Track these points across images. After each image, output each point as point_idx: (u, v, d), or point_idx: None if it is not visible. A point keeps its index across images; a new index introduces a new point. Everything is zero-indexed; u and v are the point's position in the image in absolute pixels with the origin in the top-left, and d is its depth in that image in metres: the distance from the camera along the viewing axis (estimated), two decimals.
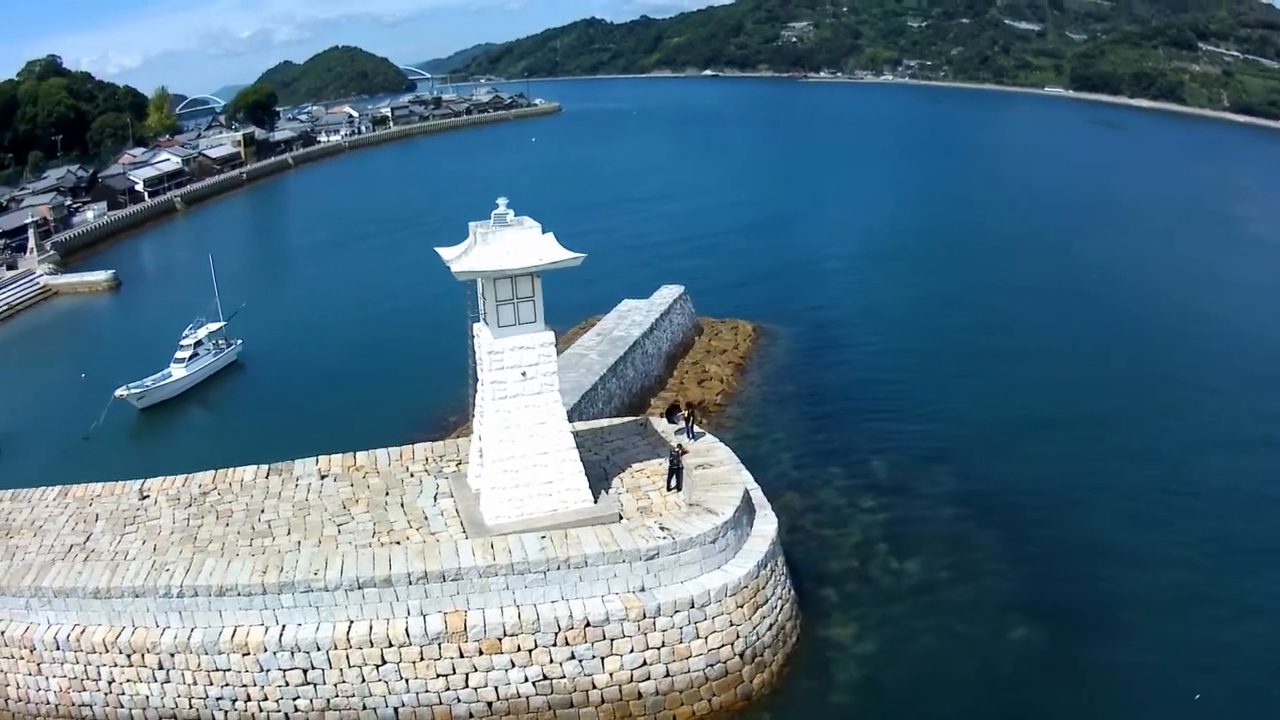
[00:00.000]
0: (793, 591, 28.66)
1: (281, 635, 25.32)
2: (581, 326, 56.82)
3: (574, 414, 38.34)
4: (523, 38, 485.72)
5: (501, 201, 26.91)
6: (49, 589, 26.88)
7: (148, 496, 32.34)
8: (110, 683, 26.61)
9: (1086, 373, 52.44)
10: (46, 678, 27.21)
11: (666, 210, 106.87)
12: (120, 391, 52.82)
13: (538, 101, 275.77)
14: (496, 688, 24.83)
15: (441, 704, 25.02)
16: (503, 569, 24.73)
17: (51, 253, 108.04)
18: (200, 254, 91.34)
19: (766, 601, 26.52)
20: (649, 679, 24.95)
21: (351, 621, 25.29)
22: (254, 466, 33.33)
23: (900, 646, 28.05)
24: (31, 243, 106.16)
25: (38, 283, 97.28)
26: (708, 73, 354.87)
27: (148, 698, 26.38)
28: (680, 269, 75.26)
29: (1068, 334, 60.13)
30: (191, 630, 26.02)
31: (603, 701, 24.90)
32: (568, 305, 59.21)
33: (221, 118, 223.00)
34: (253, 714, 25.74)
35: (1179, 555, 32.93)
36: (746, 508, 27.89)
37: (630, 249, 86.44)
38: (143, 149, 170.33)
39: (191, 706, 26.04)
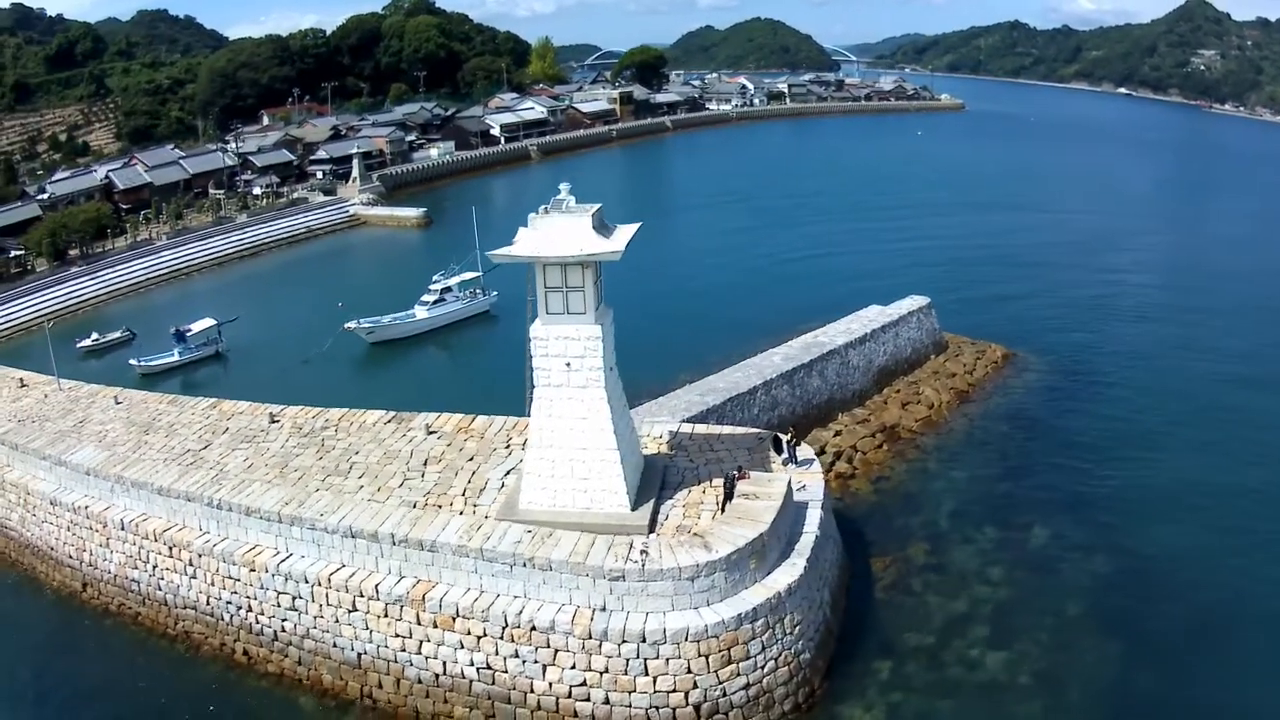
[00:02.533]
0: (806, 657, 26.51)
1: (282, 562, 29.49)
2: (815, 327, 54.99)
3: (713, 415, 39.73)
4: (949, 32, 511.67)
5: (564, 187, 27.80)
6: (128, 479, 33.68)
7: (277, 421, 38.25)
8: (154, 567, 32.80)
9: None
10: (111, 551, 34.18)
11: (998, 221, 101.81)
12: (350, 324, 62.06)
13: (942, 97, 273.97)
14: (445, 663, 26.46)
15: (396, 663, 27.32)
16: (473, 552, 26.10)
17: (377, 184, 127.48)
18: (527, 204, 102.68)
19: (748, 658, 24.88)
20: (588, 700, 24.92)
21: (342, 566, 28.72)
22: (380, 411, 37.94)
23: None
24: (355, 172, 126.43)
25: (348, 210, 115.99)
26: (1122, 90, 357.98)
27: (178, 587, 32.13)
28: (966, 281, 73.28)
29: None
30: (221, 540, 31.38)
31: (539, 708, 25.36)
32: (817, 304, 60.72)
33: (607, 74, 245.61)
34: (250, 624, 30.28)
35: None
36: (760, 551, 26.14)
37: (930, 254, 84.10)
38: (515, 95, 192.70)
39: (209, 603, 31.28)
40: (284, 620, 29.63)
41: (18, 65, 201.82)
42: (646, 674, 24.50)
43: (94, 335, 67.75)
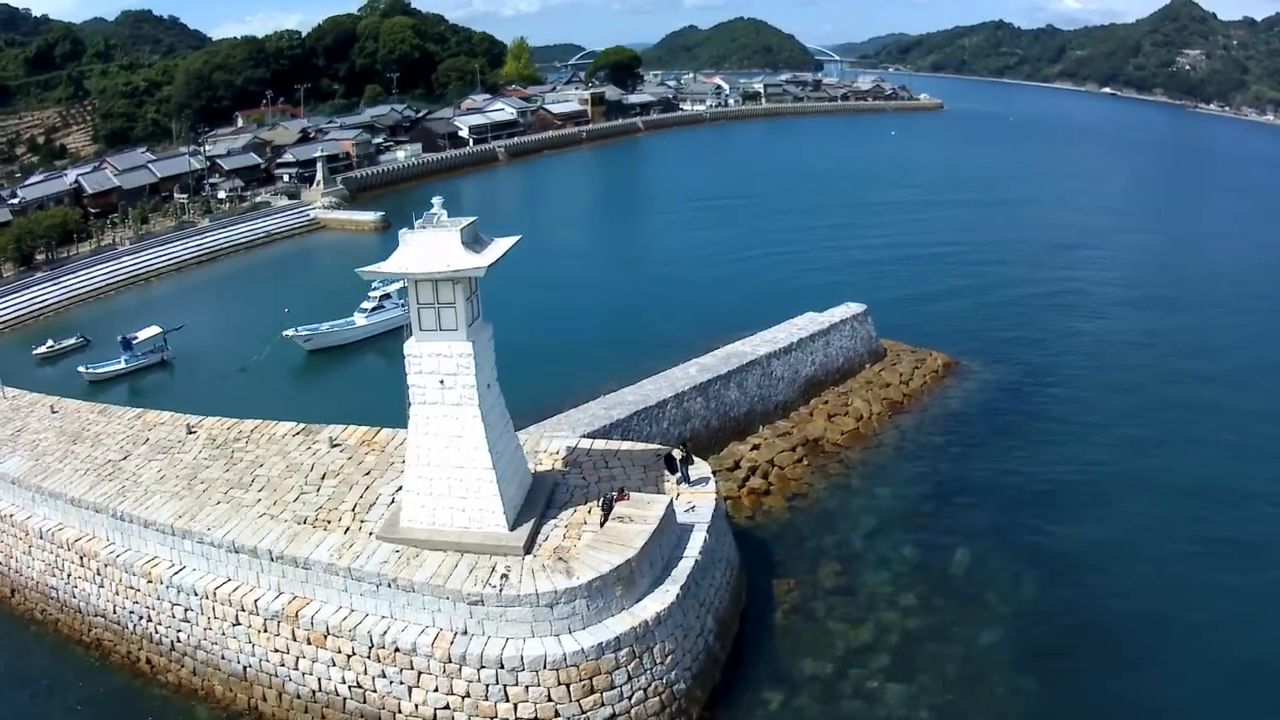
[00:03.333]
0: (681, 687, 26.47)
1: (176, 575, 30.14)
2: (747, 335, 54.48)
3: (617, 430, 39.54)
4: (933, 31, 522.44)
5: (436, 202, 28.27)
6: (46, 489, 34.45)
7: (194, 433, 38.89)
8: (69, 576, 33.48)
9: None
10: (33, 559, 34.95)
11: (957, 222, 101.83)
12: (287, 332, 62.71)
13: (921, 96, 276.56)
14: (320, 679, 27.03)
15: (277, 677, 27.91)
16: (341, 571, 26.67)
17: (340, 188, 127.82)
18: (497, 207, 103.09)
19: (612, 688, 25.13)
20: None
21: (228, 580, 29.38)
22: (291, 423, 38.38)
23: None
24: (319, 176, 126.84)
25: (308, 214, 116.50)
26: (1106, 90, 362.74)
27: (89, 595, 32.80)
28: (915, 284, 73.63)
29: None
30: (125, 551, 32.12)
31: None
32: (756, 310, 59.83)
33: (581, 74, 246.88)
34: (150, 633, 30.99)
35: None
36: (628, 578, 26.35)
37: (881, 257, 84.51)
38: (487, 96, 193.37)
39: (115, 612, 31.97)
40: (179, 631, 30.41)
41: None
42: (507, 700, 24.92)
43: (49, 342, 68.39)
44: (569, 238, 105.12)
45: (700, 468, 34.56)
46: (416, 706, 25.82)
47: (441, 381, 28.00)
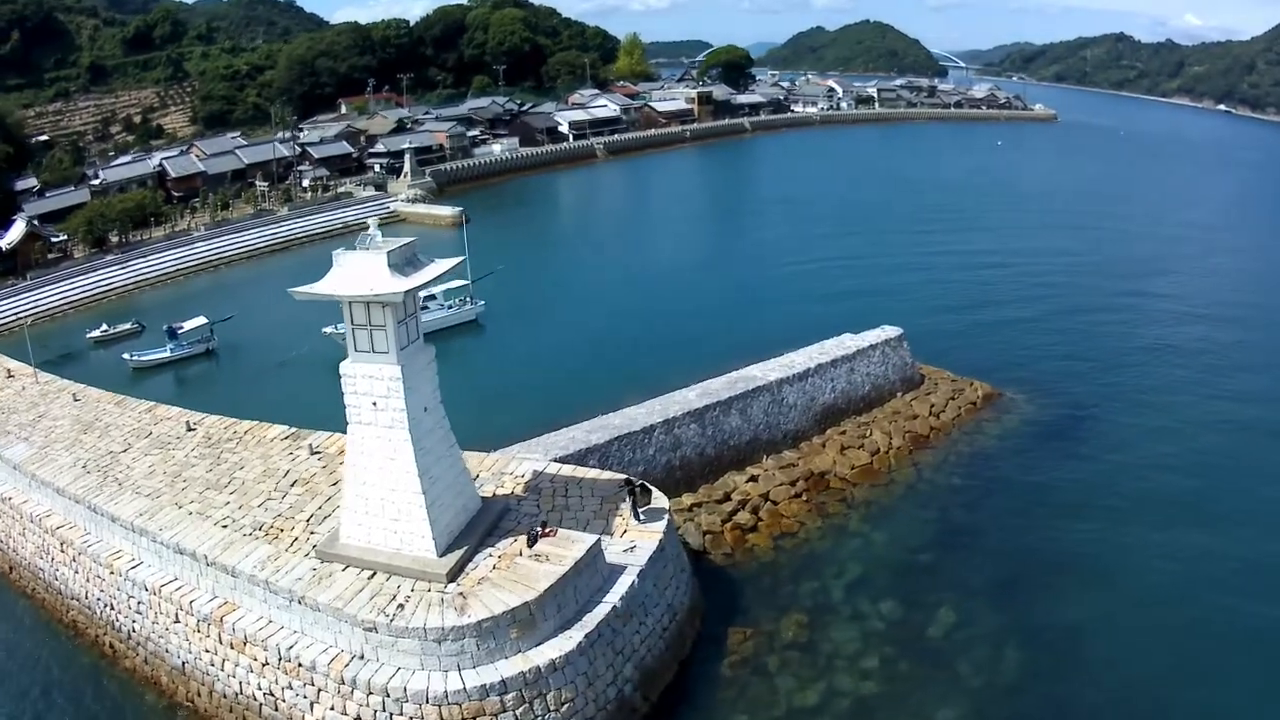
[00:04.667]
0: None
1: (133, 569, 32.91)
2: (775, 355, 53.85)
3: (594, 455, 39.67)
4: (1056, 42, 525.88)
5: (371, 223, 29.81)
6: (39, 476, 38.01)
7: (193, 430, 41.94)
8: (52, 560, 36.89)
9: None
10: (26, 541, 38.64)
11: (1038, 240, 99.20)
12: (327, 329, 66.01)
13: (1036, 107, 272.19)
14: (240, 683, 29.04)
15: (209, 676, 30.14)
16: (261, 583, 28.57)
17: (428, 180, 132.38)
18: (575, 205, 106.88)
19: None
20: None
21: (174, 579, 31.99)
22: (283, 426, 40.92)
23: None
24: (406, 167, 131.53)
25: (388, 206, 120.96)
26: (1221, 107, 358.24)
27: (67, 580, 36.14)
28: (975, 306, 72.12)
29: None
30: (96, 541, 35.22)
31: None
32: (796, 328, 59.52)
33: (694, 72, 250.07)
34: (112, 621, 33.96)
35: None
36: (526, 620, 26.93)
37: (948, 275, 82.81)
38: (594, 92, 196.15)
39: (87, 598, 35.14)
40: (134, 622, 33.19)
41: (94, 46, 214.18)
42: None
43: (103, 326, 73.13)
44: (633, 238, 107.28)
45: (658, 503, 34.45)
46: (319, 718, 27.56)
47: (374, 404, 29.28)
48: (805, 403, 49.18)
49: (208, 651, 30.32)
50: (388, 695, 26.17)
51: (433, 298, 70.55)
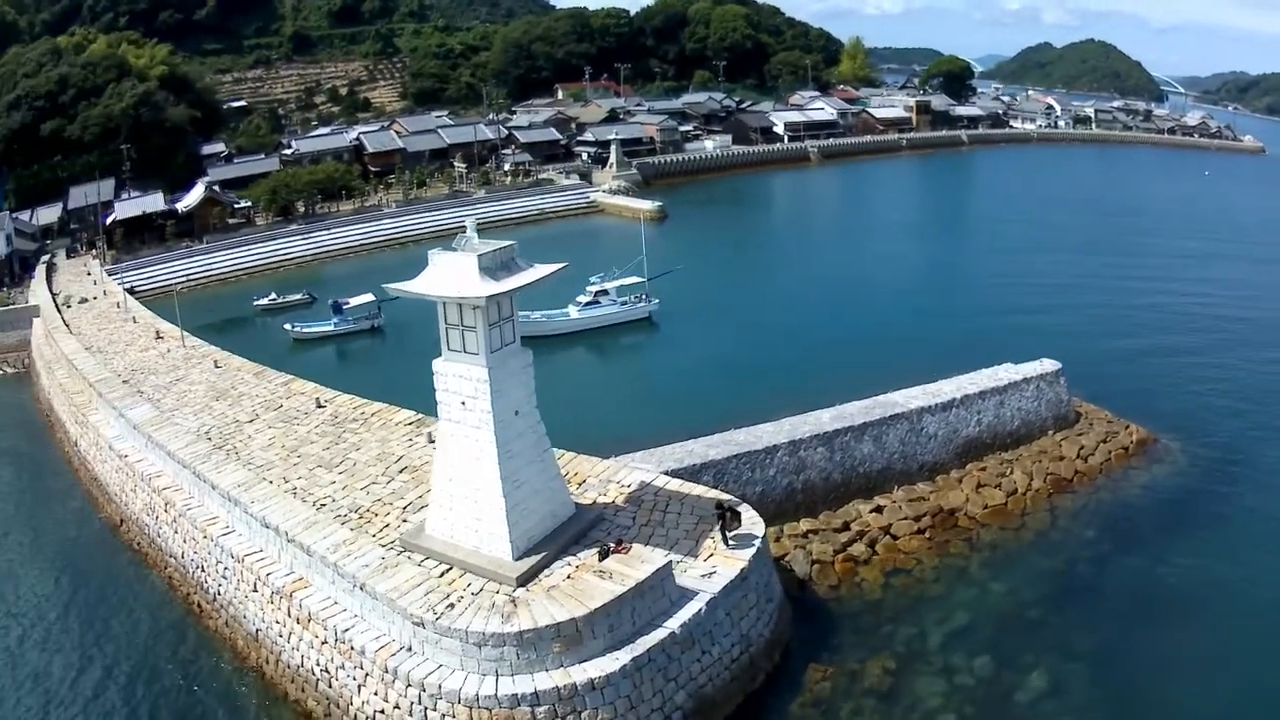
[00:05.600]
0: None
1: (224, 536, 35.81)
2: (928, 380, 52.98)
3: (710, 471, 40.41)
4: (1270, 73, 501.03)
5: (468, 223, 31.13)
6: (155, 439, 42.20)
7: (323, 407, 45.46)
8: (157, 518, 40.80)
9: None
10: (136, 497, 43.19)
11: (1235, 277, 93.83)
12: None
13: (1245, 138, 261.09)
14: (303, 657, 30.98)
15: (277, 646, 32.37)
16: (330, 564, 30.38)
17: (633, 172, 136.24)
18: (785, 209, 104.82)
19: None
20: None
21: (259, 550, 34.66)
22: (410, 412, 43.88)
23: None
24: (612, 158, 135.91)
25: (588, 196, 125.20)
26: None
27: (168, 539, 39.91)
28: (1154, 345, 68.96)
29: None
30: (197, 505, 38.64)
31: None
32: (957, 352, 58.95)
33: (915, 80, 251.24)
34: (201, 582, 37.16)
35: None
36: (572, 636, 27.40)
37: (1131, 308, 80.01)
38: (815, 93, 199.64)
39: (182, 557, 38.63)
40: (220, 585, 36.10)
41: (298, 17, 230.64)
42: None
43: (272, 295, 79.40)
44: (826, 246, 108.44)
45: (752, 528, 34.34)
46: (363, 704, 28.96)
47: (463, 403, 30.66)
48: (946, 434, 48.10)
49: (278, 623, 32.49)
50: (424, 690, 27.19)
51: (605, 293, 72.84)
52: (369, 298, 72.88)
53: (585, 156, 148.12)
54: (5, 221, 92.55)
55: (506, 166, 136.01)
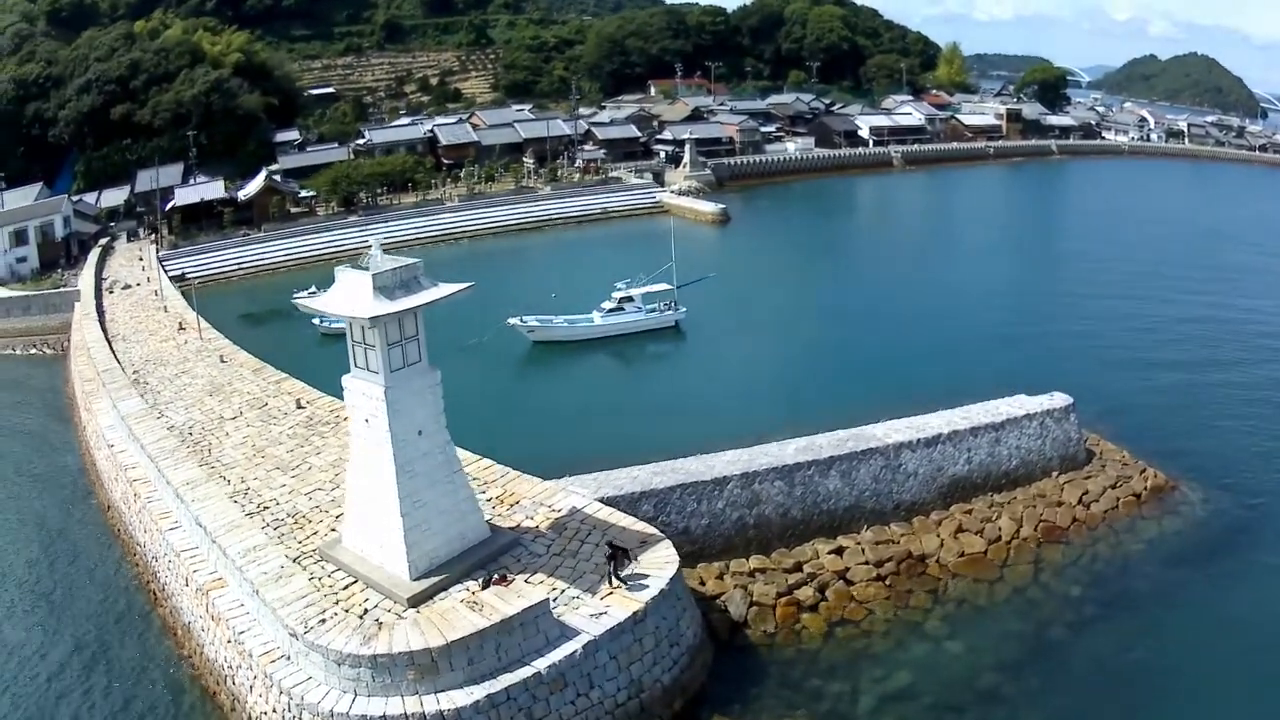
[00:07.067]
0: None
1: (170, 530, 39.19)
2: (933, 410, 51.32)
3: (650, 501, 40.14)
4: None
5: (374, 241, 31.82)
6: (134, 431, 45.67)
7: (302, 408, 48.10)
8: (128, 507, 44.27)
9: None
10: (117, 486, 46.69)
11: None
12: (512, 320, 71.52)
13: None
14: (216, 653, 33.60)
15: (199, 641, 35.36)
16: (238, 567, 32.73)
17: (707, 173, 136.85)
18: (857, 216, 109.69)
19: None
20: None
21: (195, 547, 37.46)
22: None
23: None
24: (686, 157, 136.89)
25: (654, 196, 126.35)
26: None
27: (135, 528, 43.50)
28: (1195, 383, 64.63)
29: None
30: (157, 499, 41.76)
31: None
32: (970, 379, 57.68)
33: (1010, 87, 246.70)
34: (155, 572, 40.32)
35: None
36: (427, 665, 28.26)
37: (1177, 339, 76.07)
38: (908, 97, 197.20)
39: (144, 546, 42.35)
40: (166, 577, 39.03)
41: (390, 5, 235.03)
42: None
43: (312, 288, 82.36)
44: (883, 258, 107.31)
45: (659, 568, 34.01)
46: (253, 704, 30.96)
47: (365, 420, 31.87)
48: (929, 472, 46.25)
49: (200, 618, 34.85)
50: (291, 699, 28.73)
51: (629, 300, 73.57)
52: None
53: (663, 155, 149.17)
54: (64, 204, 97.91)
55: (578, 163, 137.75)
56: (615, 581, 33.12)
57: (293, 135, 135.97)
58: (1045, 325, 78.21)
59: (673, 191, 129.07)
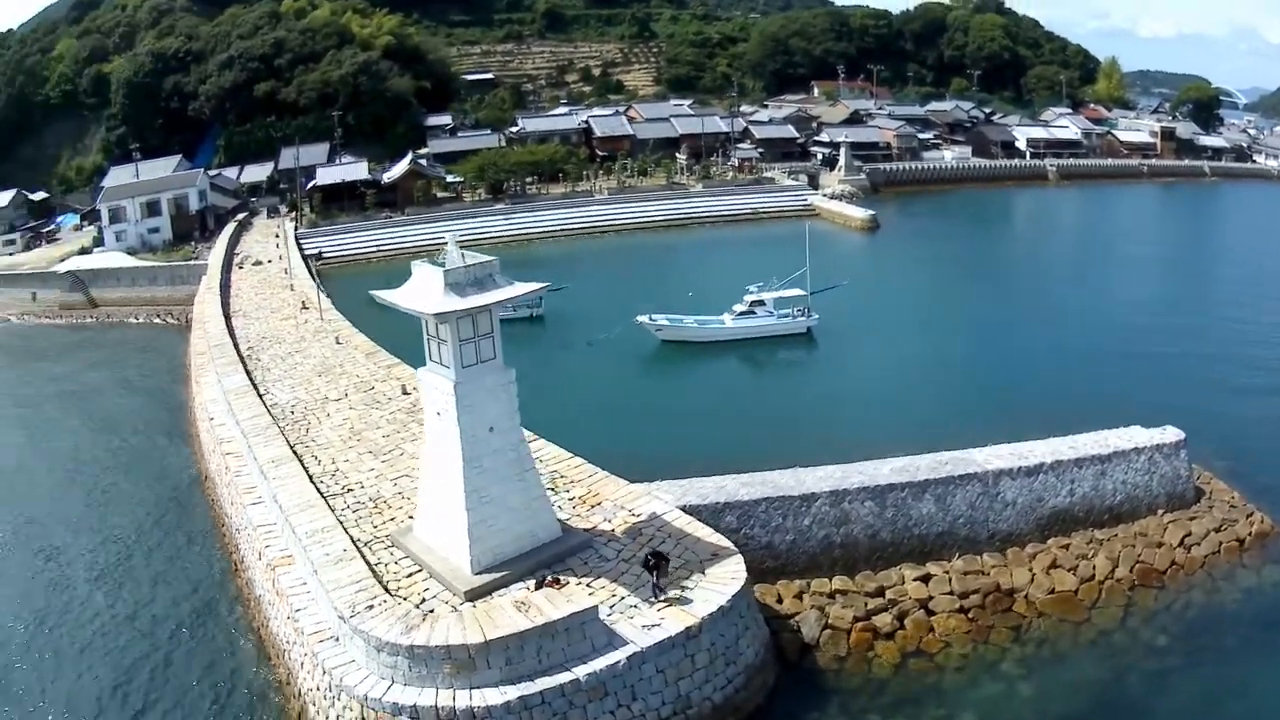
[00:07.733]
0: None
1: (252, 504, 40.83)
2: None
3: (733, 512, 39.19)
4: None
5: (449, 238, 32.69)
6: (233, 407, 48.00)
7: (408, 394, 49.25)
8: (221, 478, 46.41)
9: None
10: (213, 458, 49.22)
11: None
12: (641, 318, 71.10)
13: None
14: (279, 627, 35.04)
15: (268, 614, 36.71)
16: (304, 548, 33.89)
17: (862, 178, 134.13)
18: (1009, 229, 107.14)
19: None
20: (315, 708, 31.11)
21: (273, 523, 38.76)
22: None
23: None
24: (841, 161, 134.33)
25: (805, 199, 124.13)
26: None
27: (224, 499, 45.64)
28: None
29: None
30: (245, 473, 43.50)
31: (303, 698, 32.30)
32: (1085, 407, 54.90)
33: (1166, 105, 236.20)
34: (238, 543, 42.39)
35: None
36: (464, 661, 28.29)
37: None
38: (1067, 110, 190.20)
39: (231, 517, 44.34)
40: (245, 548, 41.11)
41: None
42: (334, 706, 29.53)
43: None
44: (1029, 275, 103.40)
45: (716, 583, 33.24)
46: (302, 680, 32.06)
47: (437, 413, 32.55)
48: (1029, 502, 44.02)
49: (268, 591, 36.35)
50: (332, 679, 29.54)
51: (761, 303, 72.62)
52: (533, 286, 75.08)
53: (819, 157, 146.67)
54: (200, 178, 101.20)
55: (732, 161, 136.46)
56: (659, 593, 32.30)
57: (445, 120, 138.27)
58: (1175, 347, 73.86)
59: (825, 195, 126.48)
